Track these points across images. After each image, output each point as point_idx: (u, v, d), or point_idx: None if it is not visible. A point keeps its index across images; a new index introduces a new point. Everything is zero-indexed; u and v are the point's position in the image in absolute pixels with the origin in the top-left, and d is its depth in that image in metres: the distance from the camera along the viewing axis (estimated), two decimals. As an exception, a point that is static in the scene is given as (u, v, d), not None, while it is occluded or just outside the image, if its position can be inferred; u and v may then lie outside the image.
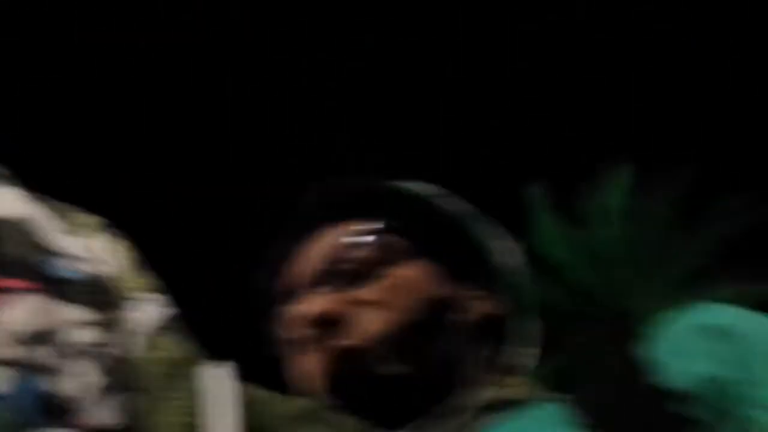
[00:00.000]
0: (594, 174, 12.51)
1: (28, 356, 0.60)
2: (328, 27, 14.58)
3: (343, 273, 0.85)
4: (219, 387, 0.70)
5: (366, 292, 0.84)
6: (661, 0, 14.33)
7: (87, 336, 0.66)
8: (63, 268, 0.68)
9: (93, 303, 0.68)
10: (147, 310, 0.75)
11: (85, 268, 0.71)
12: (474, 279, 0.91)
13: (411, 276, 0.87)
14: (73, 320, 0.65)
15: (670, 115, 13.96)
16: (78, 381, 0.63)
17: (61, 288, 0.67)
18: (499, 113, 14.47)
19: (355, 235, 0.87)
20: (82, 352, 0.64)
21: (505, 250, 0.93)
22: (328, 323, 0.80)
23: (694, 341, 0.77)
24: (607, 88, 14.30)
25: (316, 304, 0.82)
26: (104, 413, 0.64)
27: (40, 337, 0.61)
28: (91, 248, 0.79)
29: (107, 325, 0.71)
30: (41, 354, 0.61)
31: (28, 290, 0.64)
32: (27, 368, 0.60)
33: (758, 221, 11.69)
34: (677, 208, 12.36)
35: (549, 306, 13.35)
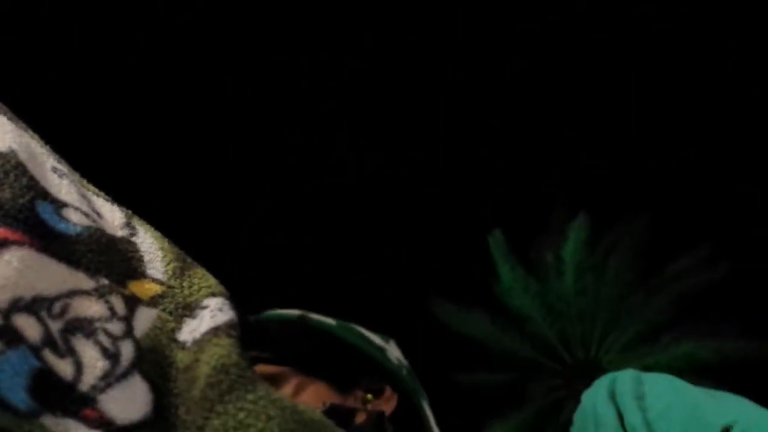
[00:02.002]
0: (552, 225, 12.44)
1: (14, 325, 0.48)
2: (328, 27, 14.58)
3: None
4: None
5: None
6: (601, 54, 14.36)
7: (89, 307, 0.52)
8: (61, 219, 0.54)
9: (98, 268, 0.54)
10: (199, 312, 0.58)
11: (90, 224, 0.56)
12: (363, 382, 0.92)
13: (305, 399, 0.87)
14: (71, 286, 0.52)
15: (630, 168, 13.91)
16: (80, 362, 0.49)
17: (56, 243, 0.52)
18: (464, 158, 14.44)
19: None
20: (84, 326, 0.51)
21: (388, 349, 0.95)
22: None
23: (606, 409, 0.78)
24: (568, 139, 14.30)
25: None
26: (116, 405, 0.50)
27: (29, 304, 0.49)
28: (101, 206, 0.61)
29: (116, 299, 0.53)
30: (30, 325, 0.48)
31: (14, 242, 0.50)
32: (13, 340, 0.47)
33: (717, 276, 11.73)
34: (636, 263, 12.36)
35: (513, 355, 13.43)
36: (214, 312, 0.57)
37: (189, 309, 0.58)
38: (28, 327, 0.48)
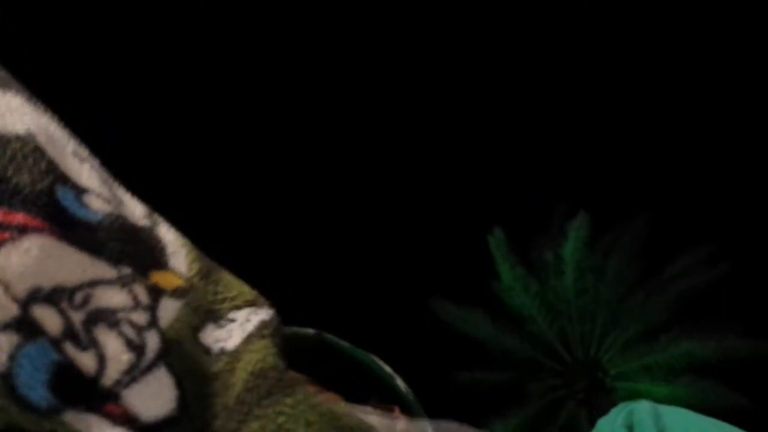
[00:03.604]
0: (552, 225, 12.37)
1: (33, 317, 0.45)
2: (328, 27, 14.56)
3: None
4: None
5: None
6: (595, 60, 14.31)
7: (112, 297, 0.49)
8: (81, 205, 0.51)
9: (120, 257, 0.51)
10: (226, 324, 0.55)
11: (112, 211, 0.53)
12: (373, 401, 0.93)
13: None
14: (93, 275, 0.49)
15: (630, 168, 13.87)
16: (103, 354, 0.47)
17: (77, 230, 0.49)
18: (464, 160, 14.39)
19: None
20: (107, 317, 0.48)
21: (396, 377, 0.96)
22: None
23: None
24: (568, 139, 14.25)
25: None
26: (142, 401, 0.47)
27: (49, 294, 0.46)
28: (123, 193, 0.58)
29: (140, 288, 0.51)
30: (50, 316, 0.46)
31: (34, 229, 0.47)
32: (32, 332, 0.45)
33: (716, 276, 11.68)
34: (636, 263, 12.30)
35: (512, 355, 13.35)
36: (242, 323, 0.54)
37: (212, 315, 0.55)
38: (48, 318, 0.46)
